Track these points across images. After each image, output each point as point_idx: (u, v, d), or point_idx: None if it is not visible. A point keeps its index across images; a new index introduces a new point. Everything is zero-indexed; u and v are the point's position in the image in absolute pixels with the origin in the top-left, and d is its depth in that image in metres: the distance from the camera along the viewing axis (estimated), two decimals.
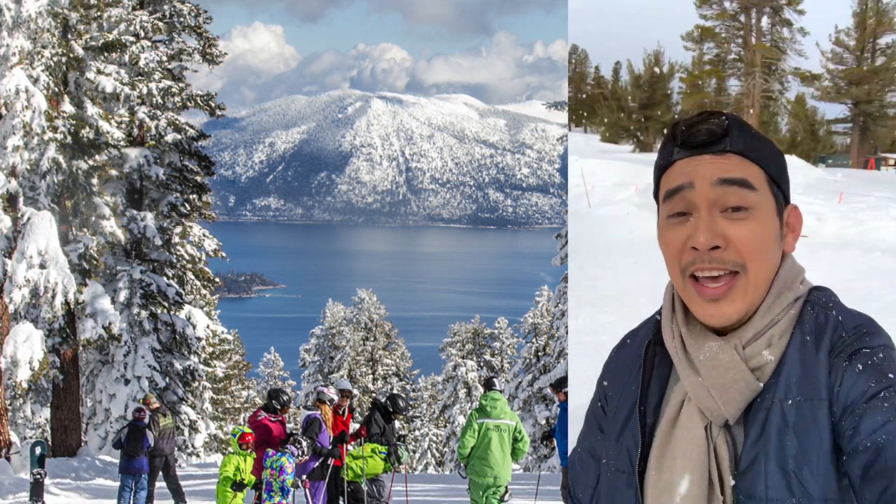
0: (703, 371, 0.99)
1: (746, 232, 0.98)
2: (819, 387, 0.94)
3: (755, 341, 0.99)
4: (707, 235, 0.97)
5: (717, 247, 0.98)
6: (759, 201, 0.99)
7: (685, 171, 1.00)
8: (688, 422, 1.00)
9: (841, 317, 0.99)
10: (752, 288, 0.99)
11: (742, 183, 0.98)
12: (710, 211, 0.98)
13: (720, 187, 0.98)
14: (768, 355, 0.98)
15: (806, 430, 0.93)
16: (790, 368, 0.97)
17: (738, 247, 0.98)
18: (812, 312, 1.00)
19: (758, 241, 0.98)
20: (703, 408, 0.99)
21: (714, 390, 0.98)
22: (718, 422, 0.99)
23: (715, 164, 0.99)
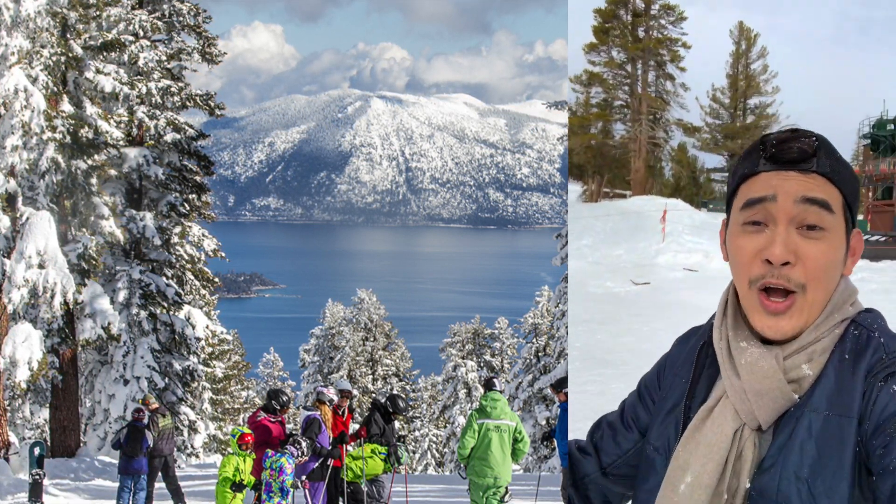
0: (742, 374, 1.05)
1: (818, 252, 1.02)
2: (851, 405, 0.98)
3: (796, 354, 1.04)
4: (782, 249, 1.01)
5: (788, 262, 1.02)
6: (834, 224, 1.03)
7: (771, 183, 1.04)
8: (720, 418, 1.07)
9: (883, 339, 1.03)
10: (808, 307, 1.03)
11: (823, 204, 1.02)
12: (787, 226, 1.02)
13: (802, 205, 1.02)
14: (807, 370, 1.03)
15: (828, 443, 0.97)
16: (825, 384, 1.01)
17: (806, 265, 1.02)
18: (855, 333, 1.05)
19: (826, 261, 1.02)
20: (738, 409, 1.05)
21: (750, 394, 1.04)
22: (751, 425, 1.04)
23: (800, 182, 1.03)
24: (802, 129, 1.05)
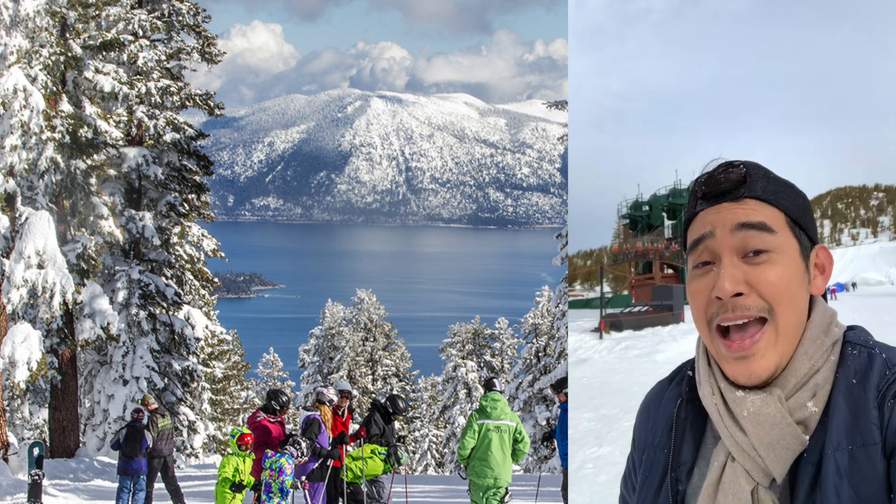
0: (748, 428, 0.95)
1: (769, 275, 0.96)
2: (872, 430, 0.91)
3: (798, 392, 0.96)
4: (729, 282, 0.95)
5: (741, 293, 0.96)
6: (780, 244, 0.97)
7: (707, 220, 1.00)
8: (732, 485, 0.96)
9: (885, 354, 0.96)
10: (781, 337, 0.96)
11: (760, 226, 0.97)
12: (731, 258, 0.97)
13: (739, 232, 0.97)
14: (812, 406, 0.95)
15: (864, 479, 0.90)
16: (839, 417, 0.93)
17: (762, 291, 0.95)
18: (854, 354, 0.97)
19: (782, 284, 0.96)
20: (748, 468, 0.95)
21: (761, 448, 0.94)
22: (765, 482, 0.95)
23: (734, 211, 0.99)
24: (731, 159, 1.01)
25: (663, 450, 1.06)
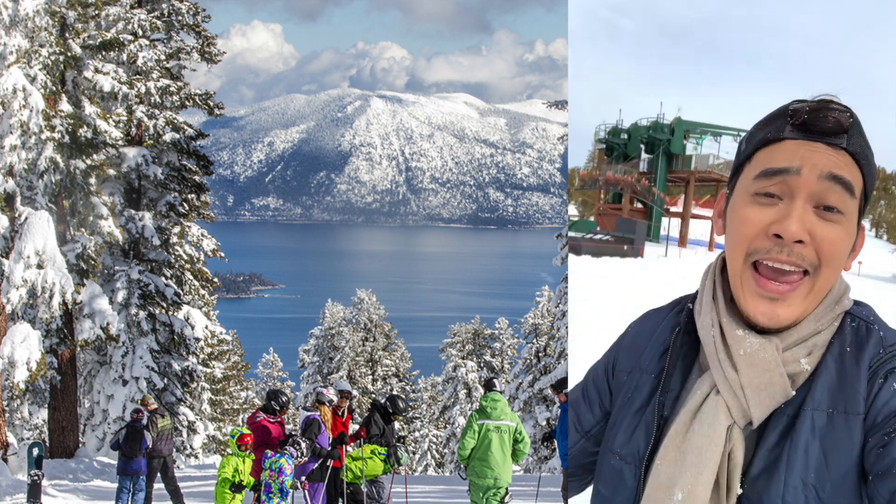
0: (741, 367, 0.94)
1: (833, 235, 0.94)
2: (856, 400, 0.91)
3: (795, 347, 0.96)
4: (798, 225, 0.92)
5: (801, 241, 0.93)
6: (852, 210, 0.95)
7: (797, 153, 0.94)
8: (710, 417, 0.95)
9: (883, 332, 0.96)
10: (814, 294, 0.95)
11: (848, 185, 0.94)
12: (805, 202, 0.93)
13: (827, 182, 0.93)
14: (805, 364, 0.95)
15: (836, 444, 0.89)
16: (826, 378, 0.93)
17: (822, 247, 0.93)
18: (853, 325, 0.98)
19: (840, 246, 0.94)
20: (730, 405, 0.95)
21: (749, 389, 0.94)
22: (741, 423, 0.95)
23: (829, 157, 0.93)
24: (835, 99, 0.95)
25: (651, 374, 1.04)
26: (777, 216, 0.93)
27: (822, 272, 0.94)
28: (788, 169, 0.94)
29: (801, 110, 0.95)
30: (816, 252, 0.93)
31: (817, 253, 0.93)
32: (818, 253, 0.93)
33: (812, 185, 0.93)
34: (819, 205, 0.93)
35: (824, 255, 0.93)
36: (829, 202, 0.93)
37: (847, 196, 0.94)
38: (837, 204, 0.93)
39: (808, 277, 0.94)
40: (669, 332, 1.06)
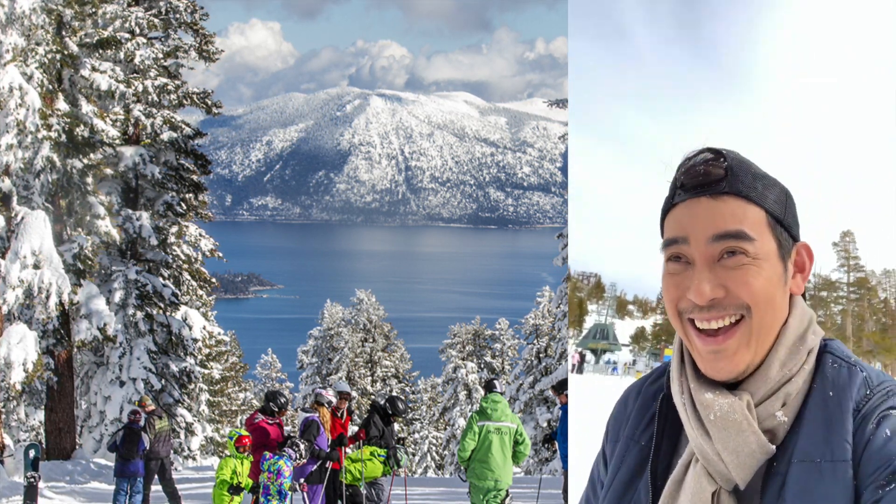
0: (713, 432, 0.92)
1: (746, 279, 0.92)
2: (844, 447, 0.86)
3: (768, 399, 0.92)
4: (705, 289, 0.92)
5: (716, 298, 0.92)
6: (759, 249, 0.93)
7: (682, 220, 0.95)
8: (695, 485, 0.92)
9: (865, 373, 0.92)
10: (756, 336, 0.92)
11: (738, 235, 0.92)
12: (706, 264, 0.93)
13: (717, 243, 0.93)
14: (782, 416, 0.91)
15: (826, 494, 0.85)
16: (811, 426, 0.89)
17: (740, 294, 0.92)
18: (835, 367, 0.93)
19: (759, 287, 0.92)
20: (711, 471, 0.92)
21: (725, 453, 0.91)
22: (728, 487, 0.92)
23: (711, 212, 0.93)
24: (712, 148, 0.95)
25: (639, 442, 1.02)
26: (687, 282, 0.94)
27: (754, 314, 0.92)
28: (677, 239, 0.95)
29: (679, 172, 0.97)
30: (738, 297, 0.92)
31: (740, 298, 0.92)
32: (740, 297, 0.92)
33: (704, 250, 0.93)
34: (722, 256, 0.92)
35: (747, 298, 0.92)
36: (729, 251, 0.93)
37: (744, 241, 0.92)
38: (738, 250, 0.93)
39: (745, 321, 0.92)
40: (653, 399, 1.04)
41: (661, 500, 0.94)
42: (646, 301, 17.87)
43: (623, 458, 1.02)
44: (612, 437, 1.07)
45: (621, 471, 1.01)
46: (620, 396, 1.10)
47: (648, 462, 0.99)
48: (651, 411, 1.02)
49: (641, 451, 1.01)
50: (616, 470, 1.02)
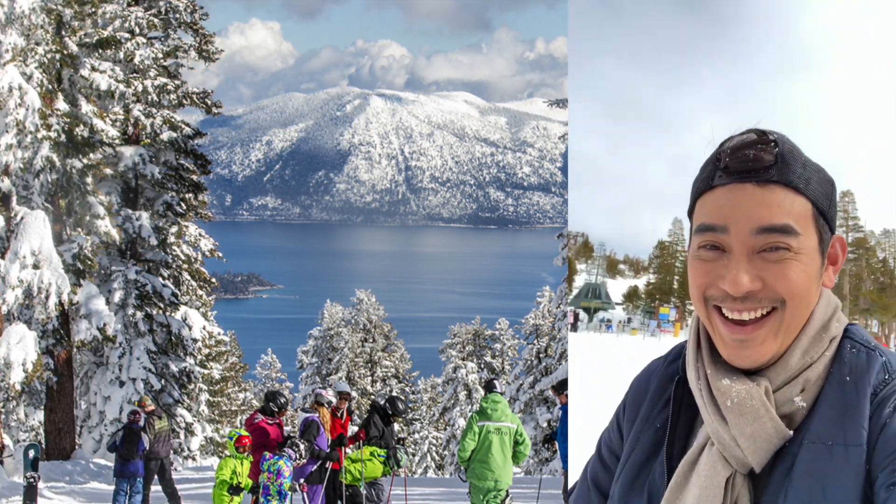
0: (730, 418, 0.90)
1: (788, 274, 0.89)
2: (859, 431, 0.85)
3: (787, 386, 0.91)
4: (743, 280, 0.88)
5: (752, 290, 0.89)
6: (804, 243, 0.90)
7: (723, 206, 0.90)
8: (708, 469, 0.91)
9: (885, 358, 0.90)
10: (785, 328, 0.90)
11: (784, 230, 0.88)
12: (746, 256, 0.89)
13: (761, 236, 0.89)
14: (800, 402, 0.90)
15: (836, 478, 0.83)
16: (827, 409, 0.88)
17: (778, 287, 0.89)
18: (854, 352, 0.92)
19: (799, 282, 0.89)
20: (727, 456, 0.91)
21: (741, 439, 0.89)
22: (743, 471, 0.90)
23: (757, 202, 0.89)
24: (761, 129, 0.91)
25: (654, 424, 1.00)
26: (722, 270, 0.90)
27: (788, 307, 0.90)
28: (715, 227, 0.90)
29: (724, 153, 0.92)
30: (775, 291, 0.89)
31: (776, 291, 0.89)
32: (777, 291, 0.89)
33: (745, 241, 0.89)
34: (763, 249, 0.89)
35: (785, 292, 0.89)
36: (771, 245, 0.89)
37: (790, 237, 0.89)
38: (782, 245, 0.89)
39: (776, 313, 0.90)
40: (669, 381, 1.02)
41: (673, 479, 0.93)
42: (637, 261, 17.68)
43: (638, 439, 1.01)
44: (630, 414, 1.05)
45: (636, 452, 1.00)
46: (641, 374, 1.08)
47: (664, 444, 0.97)
48: (667, 394, 1.01)
49: (656, 433, 0.99)
50: (631, 450, 1.01)
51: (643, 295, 17.24)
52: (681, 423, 0.99)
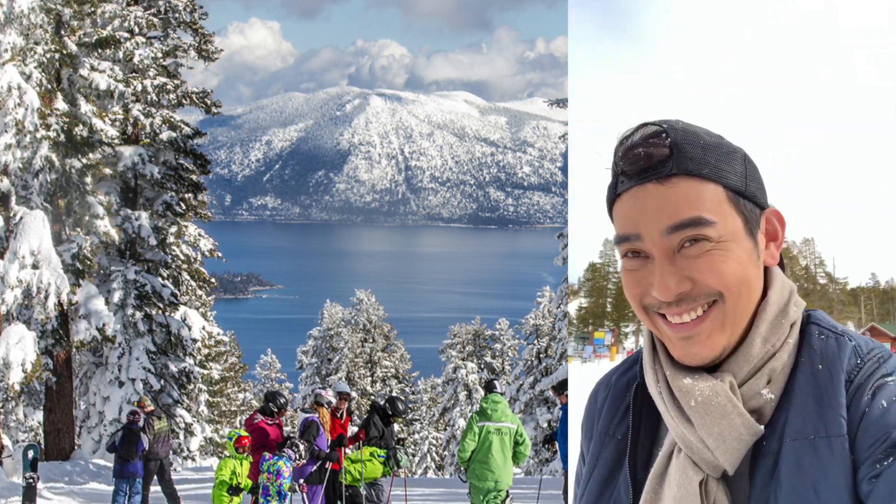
0: (695, 419, 0.85)
1: (714, 267, 0.83)
2: (838, 421, 0.81)
3: (752, 378, 0.86)
4: (669, 284, 0.84)
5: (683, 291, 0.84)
6: (722, 231, 0.84)
7: (630, 212, 0.86)
8: (680, 476, 0.86)
9: (854, 342, 0.85)
10: (730, 317, 0.85)
11: (695, 223, 0.83)
12: (665, 258, 0.84)
13: (673, 234, 0.84)
14: (768, 394, 0.85)
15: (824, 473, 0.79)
16: (801, 402, 0.83)
17: (708, 282, 0.84)
18: (822, 338, 0.86)
19: (730, 272, 0.84)
20: (696, 460, 0.85)
21: (710, 440, 0.84)
22: (716, 474, 0.85)
23: (660, 201, 0.84)
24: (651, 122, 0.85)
25: (614, 437, 0.95)
26: (649, 277, 0.86)
27: (728, 298, 0.85)
28: (629, 236, 0.86)
29: (618, 157, 0.87)
30: (708, 286, 0.84)
31: (709, 285, 0.84)
32: (710, 285, 0.84)
33: (659, 243, 0.84)
34: (682, 245, 0.84)
35: (718, 286, 0.84)
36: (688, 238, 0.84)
37: (705, 227, 0.83)
38: (700, 237, 0.84)
39: (717, 305, 0.85)
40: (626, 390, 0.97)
41: (644, 494, 0.88)
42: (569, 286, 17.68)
43: (599, 455, 0.96)
44: (586, 434, 1.01)
45: (597, 468, 0.95)
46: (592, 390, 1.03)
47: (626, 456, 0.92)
48: (625, 403, 0.96)
49: (617, 445, 0.94)
50: (592, 468, 0.96)
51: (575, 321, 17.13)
52: (642, 432, 0.94)
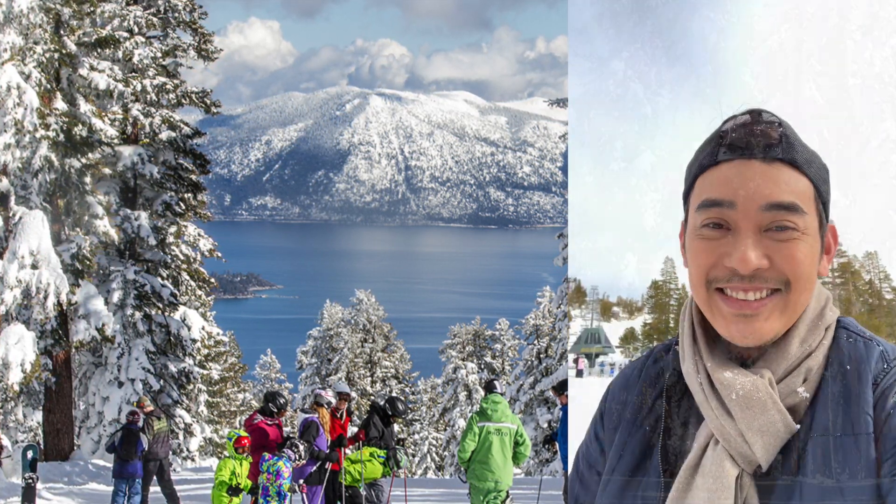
0: (735, 412, 0.87)
1: (794, 253, 0.88)
2: (865, 420, 0.84)
3: (789, 376, 0.89)
4: (751, 257, 0.87)
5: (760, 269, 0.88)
6: (808, 223, 0.89)
7: (730, 181, 0.89)
8: (715, 469, 0.87)
9: (882, 347, 0.89)
10: (789, 310, 0.89)
11: (791, 208, 0.88)
12: (754, 233, 0.88)
13: (770, 212, 0.87)
14: (803, 392, 0.88)
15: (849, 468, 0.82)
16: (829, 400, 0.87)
17: (784, 267, 0.88)
18: (851, 341, 0.91)
19: (804, 263, 0.89)
20: (734, 454, 0.87)
21: (749, 434, 0.86)
22: (749, 469, 0.87)
23: (764, 178, 0.88)
24: (764, 110, 0.90)
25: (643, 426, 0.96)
26: (727, 248, 0.88)
27: (793, 289, 0.88)
28: (722, 202, 0.89)
29: (729, 129, 0.91)
30: (781, 271, 0.88)
31: (783, 272, 0.88)
32: (783, 272, 0.88)
33: (753, 217, 0.88)
34: (770, 227, 0.88)
35: (790, 271, 0.88)
36: (778, 224, 0.88)
37: (797, 215, 0.88)
38: (787, 224, 0.88)
39: (780, 294, 0.89)
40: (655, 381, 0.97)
41: (675, 487, 0.89)
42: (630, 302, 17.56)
43: (625, 444, 0.97)
44: (611, 422, 1.01)
45: (624, 458, 0.96)
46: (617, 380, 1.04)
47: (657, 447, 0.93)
48: (655, 393, 0.97)
49: (646, 435, 0.95)
50: (618, 457, 0.96)
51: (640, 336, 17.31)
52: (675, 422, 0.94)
